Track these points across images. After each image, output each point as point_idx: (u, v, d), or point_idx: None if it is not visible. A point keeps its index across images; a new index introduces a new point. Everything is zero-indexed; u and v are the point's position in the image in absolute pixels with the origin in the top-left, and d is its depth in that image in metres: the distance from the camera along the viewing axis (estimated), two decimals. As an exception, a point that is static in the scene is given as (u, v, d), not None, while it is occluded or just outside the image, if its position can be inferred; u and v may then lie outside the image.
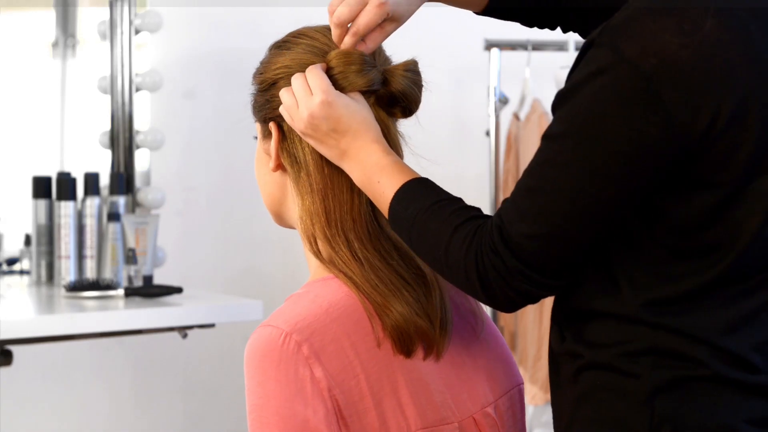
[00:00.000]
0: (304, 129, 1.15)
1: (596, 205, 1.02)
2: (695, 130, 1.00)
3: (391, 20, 1.18)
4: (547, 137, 1.04)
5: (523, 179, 1.06)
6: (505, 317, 2.99)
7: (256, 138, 1.25)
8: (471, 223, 1.07)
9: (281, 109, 1.17)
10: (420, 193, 1.12)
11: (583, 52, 1.05)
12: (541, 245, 1.03)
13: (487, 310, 1.32)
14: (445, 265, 1.08)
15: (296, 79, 1.16)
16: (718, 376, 1.04)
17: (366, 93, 1.18)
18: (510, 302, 1.06)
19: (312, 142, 1.17)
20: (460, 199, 1.12)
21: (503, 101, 2.85)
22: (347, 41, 1.16)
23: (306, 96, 1.14)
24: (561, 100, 1.04)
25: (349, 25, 1.17)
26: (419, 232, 1.10)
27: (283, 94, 1.16)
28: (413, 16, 1.22)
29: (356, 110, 1.15)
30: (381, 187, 1.13)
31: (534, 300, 1.06)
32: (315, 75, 1.15)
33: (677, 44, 0.99)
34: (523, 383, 1.27)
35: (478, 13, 1.30)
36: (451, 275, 1.09)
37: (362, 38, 1.17)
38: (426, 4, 1.22)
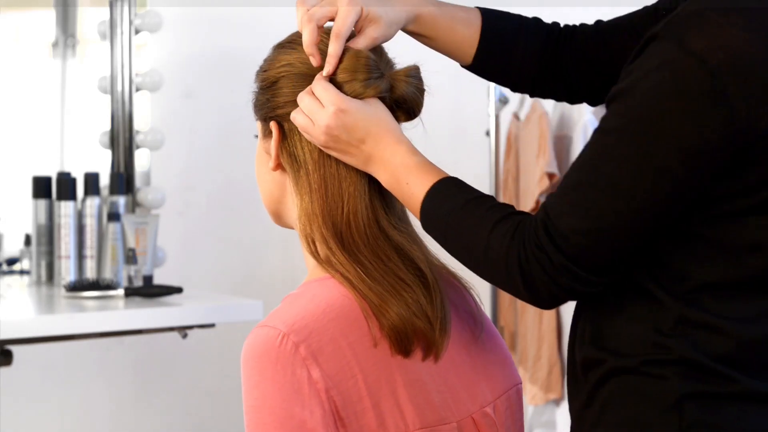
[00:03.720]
0: (325, 143, 1.14)
1: (651, 201, 1.00)
2: (758, 129, 0.97)
3: (372, 22, 1.15)
4: (602, 131, 1.02)
5: (573, 173, 1.03)
6: (505, 317, 2.99)
7: (257, 136, 1.25)
8: (510, 219, 1.06)
9: (299, 128, 1.15)
10: (452, 192, 1.10)
11: (644, 45, 1.02)
12: (589, 241, 1.01)
13: (488, 310, 1.32)
14: (484, 262, 1.07)
15: (304, 97, 1.14)
16: (750, 392, 1.02)
17: None
18: (553, 298, 1.05)
19: (336, 155, 1.15)
20: (492, 197, 1.10)
21: (503, 101, 2.85)
22: (333, 47, 1.13)
23: (318, 110, 1.13)
24: (618, 94, 1.01)
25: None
26: (455, 231, 1.09)
27: (296, 115, 1.15)
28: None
29: (371, 113, 1.14)
30: (410, 188, 1.12)
31: (577, 297, 1.06)
32: (322, 87, 1.13)
33: (745, 40, 0.97)
34: (521, 383, 1.27)
35: (465, 67, 1.27)
36: (490, 272, 1.07)
37: (346, 41, 1.14)
38: (426, 3, 1.22)
